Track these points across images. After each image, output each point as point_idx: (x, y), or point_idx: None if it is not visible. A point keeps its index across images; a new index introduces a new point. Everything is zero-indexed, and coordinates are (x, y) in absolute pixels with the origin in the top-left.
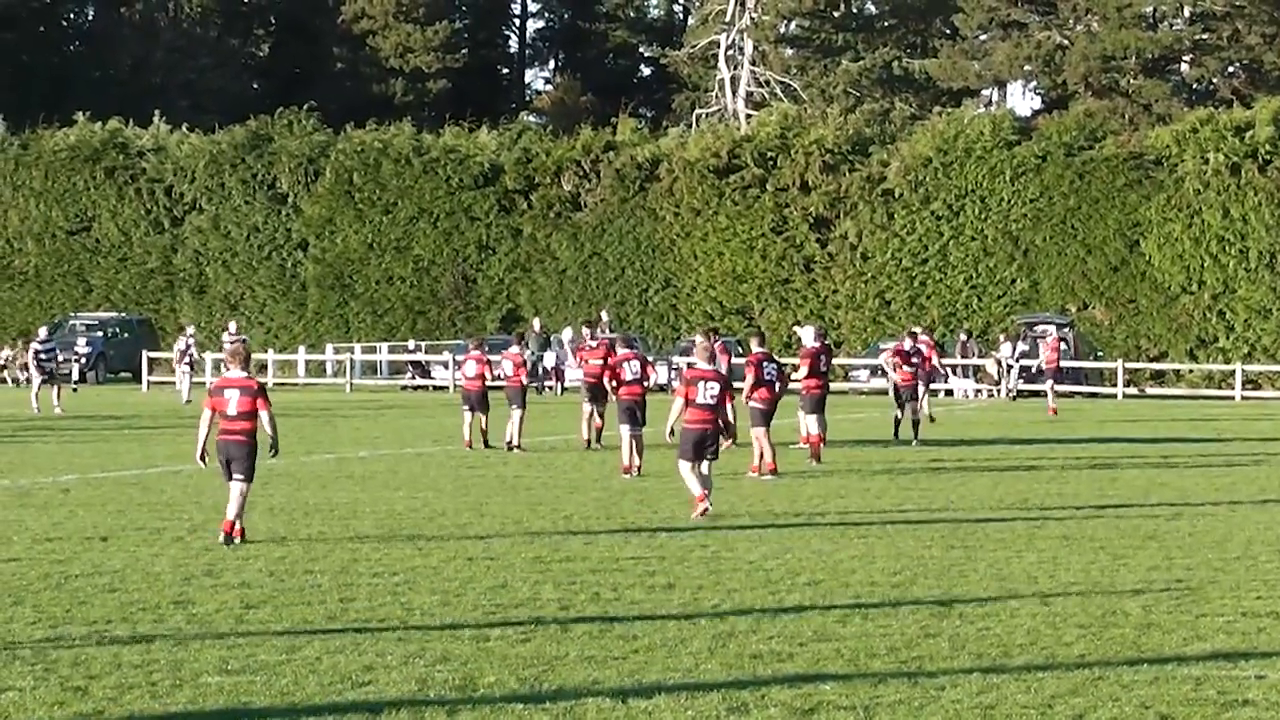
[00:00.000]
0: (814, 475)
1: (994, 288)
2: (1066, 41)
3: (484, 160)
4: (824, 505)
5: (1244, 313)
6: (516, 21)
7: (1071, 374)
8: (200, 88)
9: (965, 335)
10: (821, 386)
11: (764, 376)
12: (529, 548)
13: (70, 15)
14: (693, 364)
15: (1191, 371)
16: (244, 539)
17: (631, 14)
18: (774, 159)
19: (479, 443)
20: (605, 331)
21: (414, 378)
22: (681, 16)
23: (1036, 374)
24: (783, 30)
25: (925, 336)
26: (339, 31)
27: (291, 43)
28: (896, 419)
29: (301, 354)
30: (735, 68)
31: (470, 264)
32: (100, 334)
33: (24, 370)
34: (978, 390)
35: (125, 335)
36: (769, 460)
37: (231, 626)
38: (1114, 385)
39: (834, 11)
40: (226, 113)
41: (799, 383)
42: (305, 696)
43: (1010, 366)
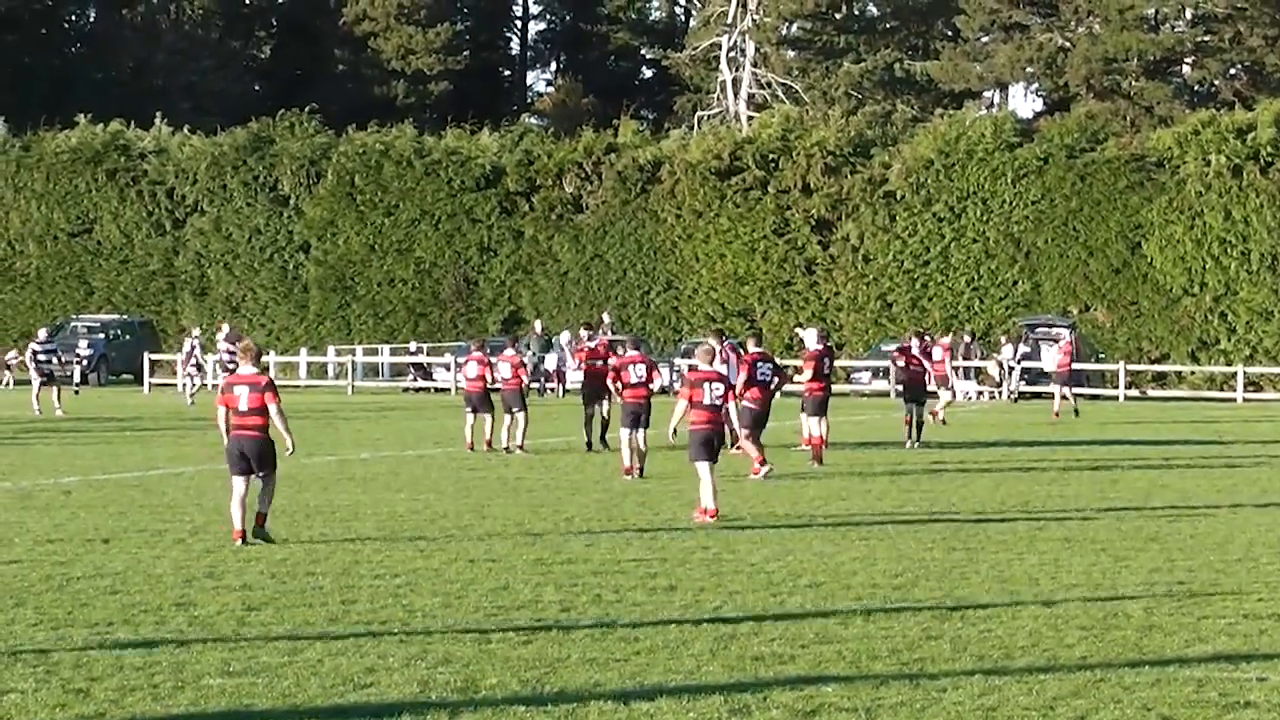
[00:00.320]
0: (816, 477)
1: (995, 290)
2: (1068, 43)
3: (485, 162)
4: (825, 507)
5: (1245, 315)
6: (518, 23)
7: (1073, 376)
8: (202, 89)
9: (968, 337)
10: (824, 388)
11: (757, 376)
12: (531, 550)
13: (72, 17)
14: (694, 366)
15: (1193, 373)
16: (259, 531)
17: (633, 16)
18: (775, 161)
19: (481, 444)
20: (608, 333)
21: (415, 380)
22: (683, 18)
23: (1048, 376)
24: (784, 32)
25: (946, 339)
26: (340, 33)
27: (293, 45)
28: (907, 421)
29: (303, 356)
30: (737, 70)
31: (472, 266)
32: (102, 336)
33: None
34: (979, 392)
35: (127, 337)
36: (756, 456)
37: (233, 628)
38: (1115, 387)
39: (835, 13)
40: (228, 114)
41: (802, 385)
42: (307, 698)
43: (1012, 368)
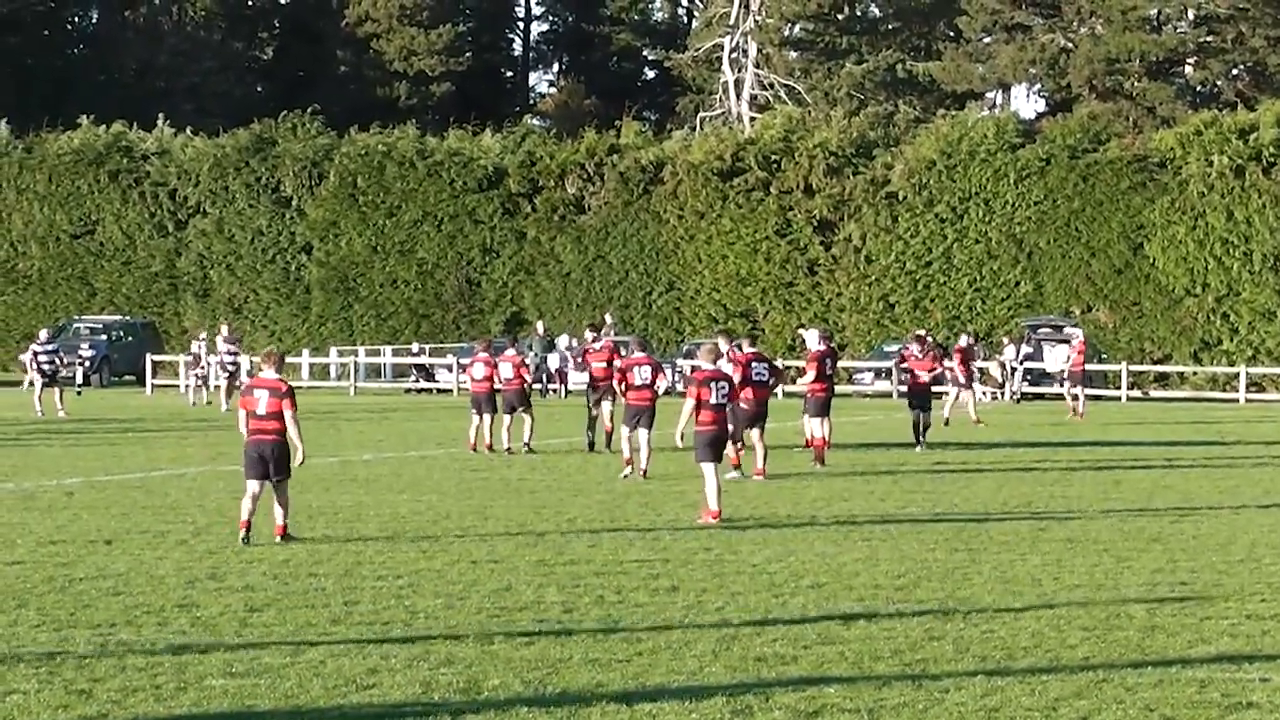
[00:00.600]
0: (818, 478)
1: (998, 290)
2: (1071, 44)
3: (488, 163)
4: (828, 508)
5: (1248, 315)
6: (520, 24)
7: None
8: (204, 91)
9: (971, 338)
10: (826, 389)
11: (752, 377)
12: (533, 551)
13: (74, 18)
14: (696, 366)
15: (1195, 374)
16: (286, 535)
17: (635, 17)
18: (778, 162)
19: (482, 446)
20: (612, 334)
21: (418, 381)
22: (685, 19)
23: (1062, 377)
24: (787, 33)
25: (963, 342)
26: (343, 35)
27: (295, 46)
28: (914, 423)
29: (305, 357)
30: (739, 70)
31: (474, 267)
32: (104, 337)
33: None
34: (982, 393)
35: (129, 338)
36: (733, 457)
37: (236, 629)
38: (1118, 388)
39: (838, 14)
40: (230, 116)
41: (805, 386)
42: (310, 699)
43: (1014, 369)
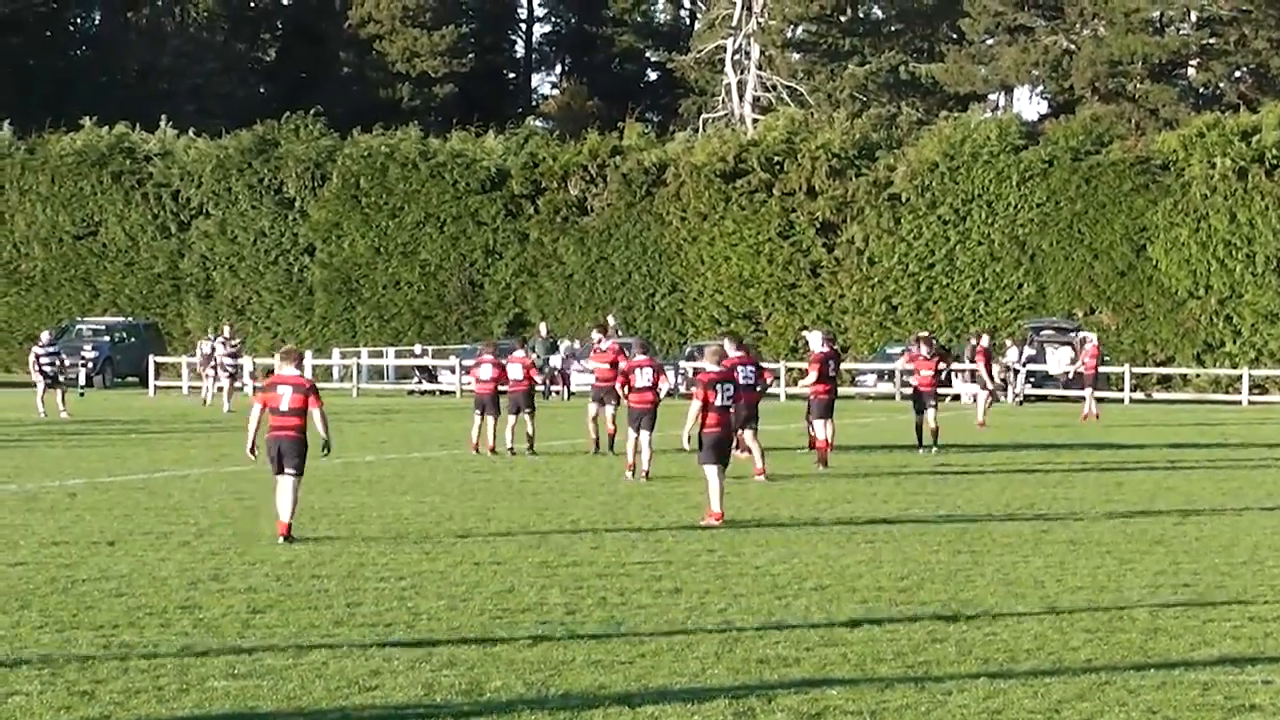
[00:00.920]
0: (821, 480)
1: (1000, 292)
2: (1073, 46)
3: (490, 165)
4: (831, 510)
5: (1251, 317)
6: (523, 26)
7: (1077, 379)
8: (207, 92)
9: (974, 340)
10: (829, 391)
11: (740, 380)
12: (536, 552)
13: (77, 20)
14: (700, 369)
15: (1198, 376)
16: (290, 537)
17: (638, 19)
18: (780, 163)
19: (484, 447)
20: (616, 335)
21: (421, 382)
22: (688, 21)
23: (1054, 379)
24: (789, 35)
25: (985, 342)
26: (346, 36)
27: (298, 47)
28: (917, 426)
29: (308, 358)
30: (742, 72)
31: (477, 268)
32: (107, 338)
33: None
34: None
35: (132, 340)
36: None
37: (238, 631)
38: (1121, 390)
39: (840, 16)
40: (233, 117)
41: (808, 388)
42: (312, 701)
43: (1017, 371)
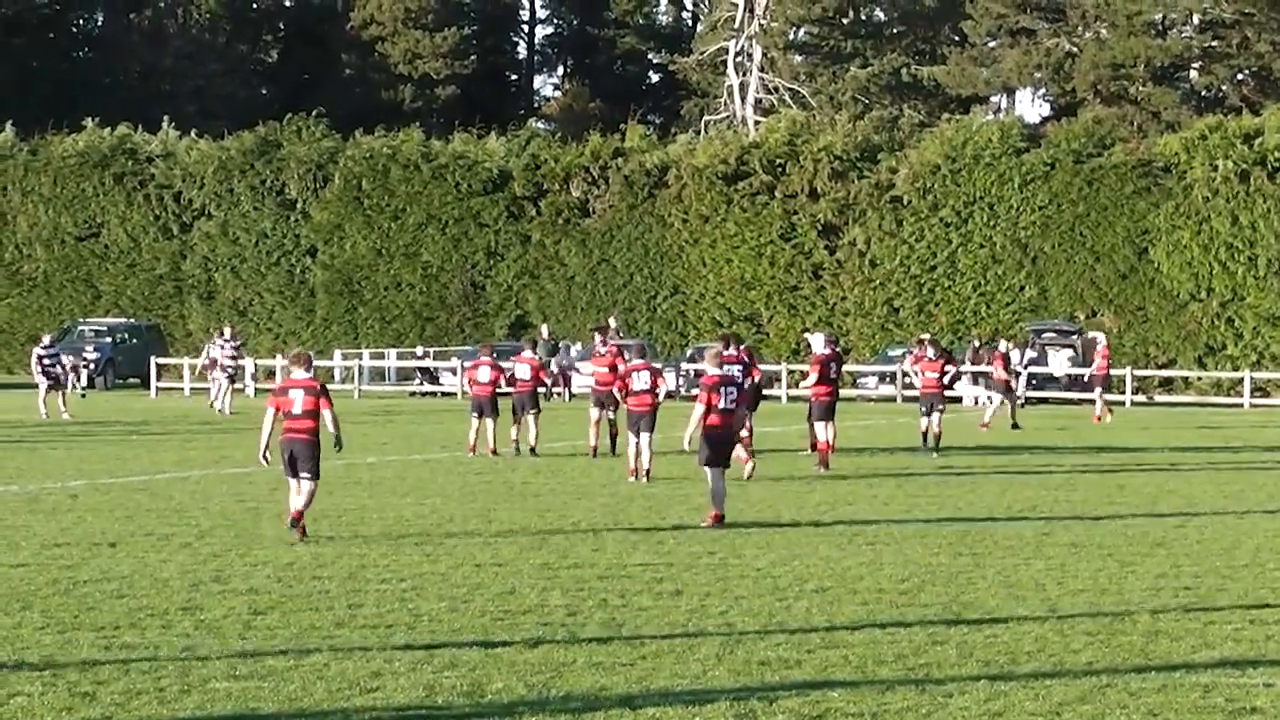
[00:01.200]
0: (822, 482)
1: (1002, 295)
2: (1075, 49)
3: (492, 166)
4: (832, 512)
5: (1253, 320)
6: (525, 28)
7: (1079, 381)
8: (209, 94)
9: (977, 342)
10: (831, 393)
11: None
12: (537, 554)
13: (79, 21)
14: (702, 371)
15: (1200, 379)
16: (305, 536)
17: (640, 20)
18: (782, 166)
19: (484, 449)
20: (617, 337)
21: (422, 384)
22: (690, 23)
23: (1088, 381)
24: (791, 37)
25: (1003, 347)
26: (348, 37)
27: (300, 49)
28: (923, 429)
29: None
30: (744, 74)
31: (479, 270)
32: (109, 340)
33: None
34: (988, 397)
35: (134, 341)
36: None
37: (240, 632)
38: (1122, 392)
39: (843, 18)
40: (235, 119)
41: (809, 389)
42: (313, 702)
43: (1019, 373)
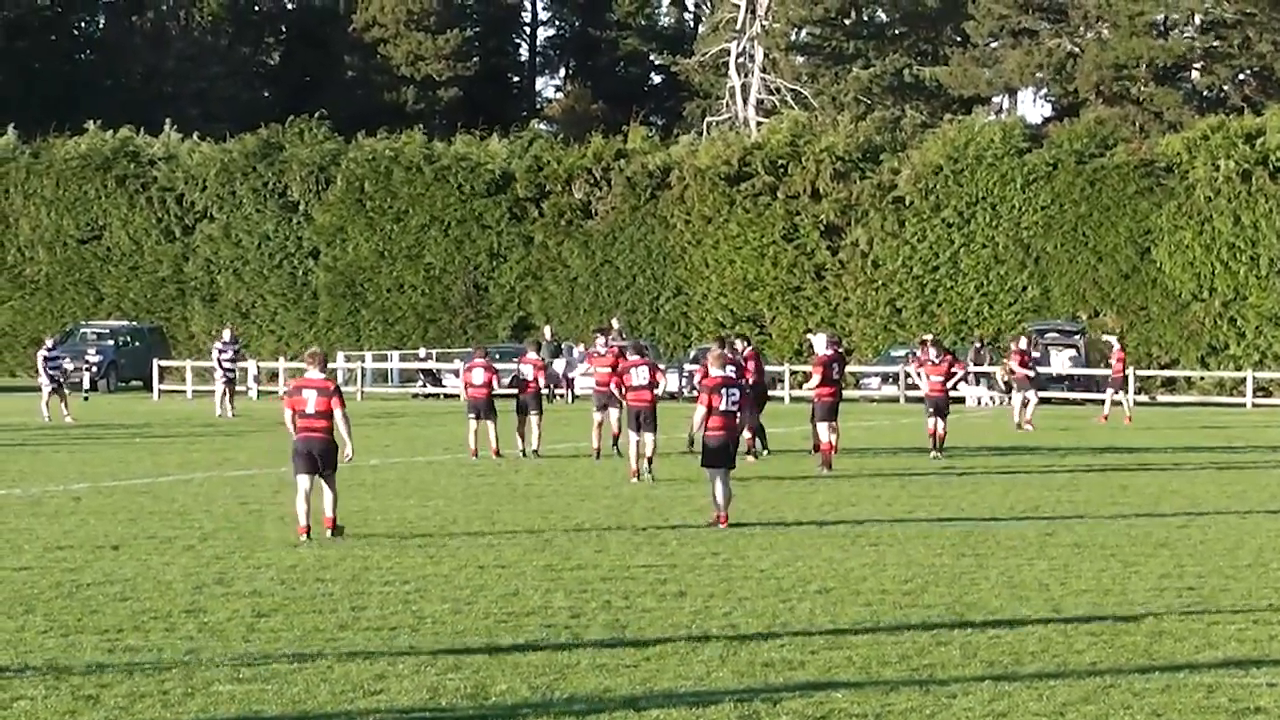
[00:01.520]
0: (825, 482)
1: (1005, 295)
2: (1078, 49)
3: (495, 168)
4: (835, 513)
5: (1255, 320)
6: (527, 29)
7: (1082, 381)
8: (211, 96)
9: (978, 343)
10: (833, 394)
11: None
12: (540, 556)
13: (81, 24)
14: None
15: (1203, 379)
16: (335, 533)
17: (642, 22)
18: (785, 166)
19: (486, 451)
20: (619, 339)
21: (425, 386)
22: (692, 24)
23: (1059, 381)
24: (793, 38)
25: (1022, 344)
26: (350, 40)
27: (302, 51)
28: (931, 433)
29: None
30: (746, 75)
31: (481, 272)
32: (111, 342)
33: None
34: (990, 397)
35: (136, 344)
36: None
37: (243, 635)
38: (1125, 392)
39: (845, 19)
40: (237, 121)
41: (811, 390)
42: (317, 705)
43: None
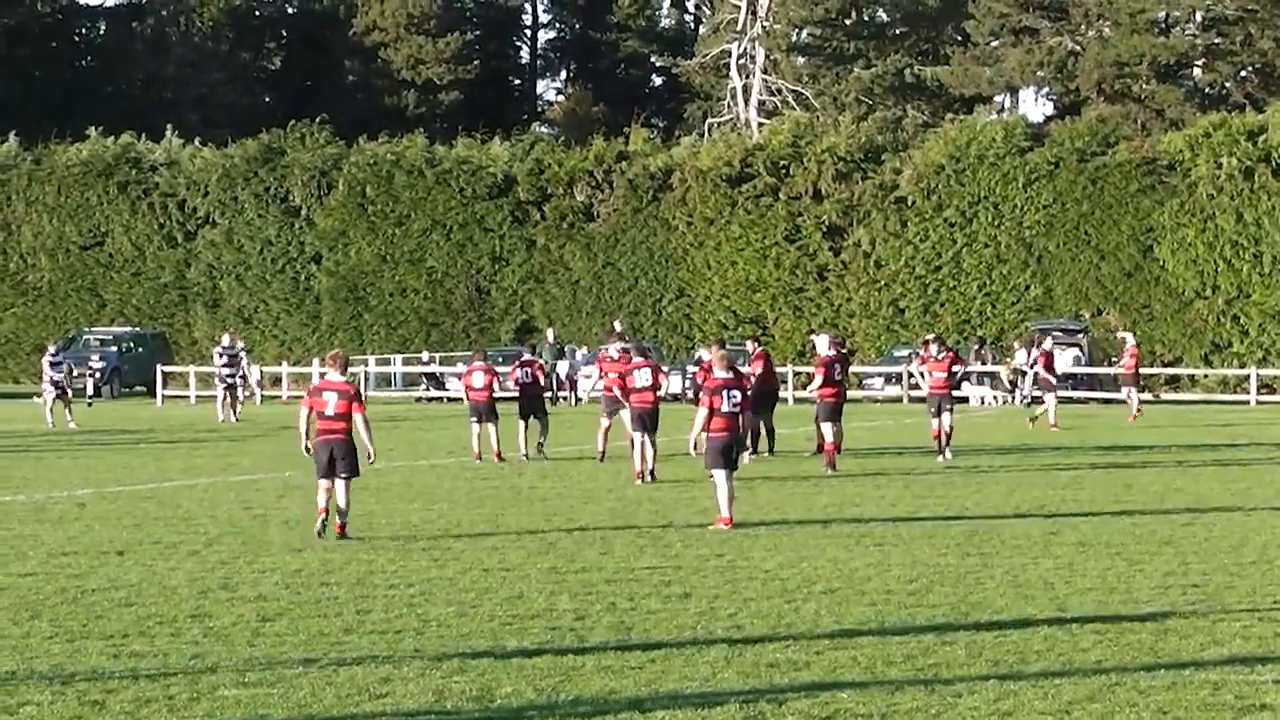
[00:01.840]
0: (829, 483)
1: (1007, 294)
2: (1079, 47)
3: (497, 171)
4: (839, 513)
5: (1258, 317)
6: (528, 32)
7: (1086, 380)
8: (212, 101)
9: (978, 343)
10: (836, 394)
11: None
12: (545, 558)
13: (82, 30)
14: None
15: (1206, 376)
16: (343, 538)
17: (643, 24)
18: (786, 167)
19: (489, 454)
20: (624, 340)
21: (428, 389)
22: (693, 26)
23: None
24: (794, 39)
25: (1047, 345)
26: (350, 44)
27: (303, 56)
28: (935, 435)
29: (315, 367)
30: (747, 76)
31: (484, 275)
32: (114, 348)
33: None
34: (994, 396)
35: (139, 350)
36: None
37: (248, 639)
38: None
39: (845, 19)
40: (238, 126)
41: (814, 391)
42: (323, 708)
43: (1024, 373)
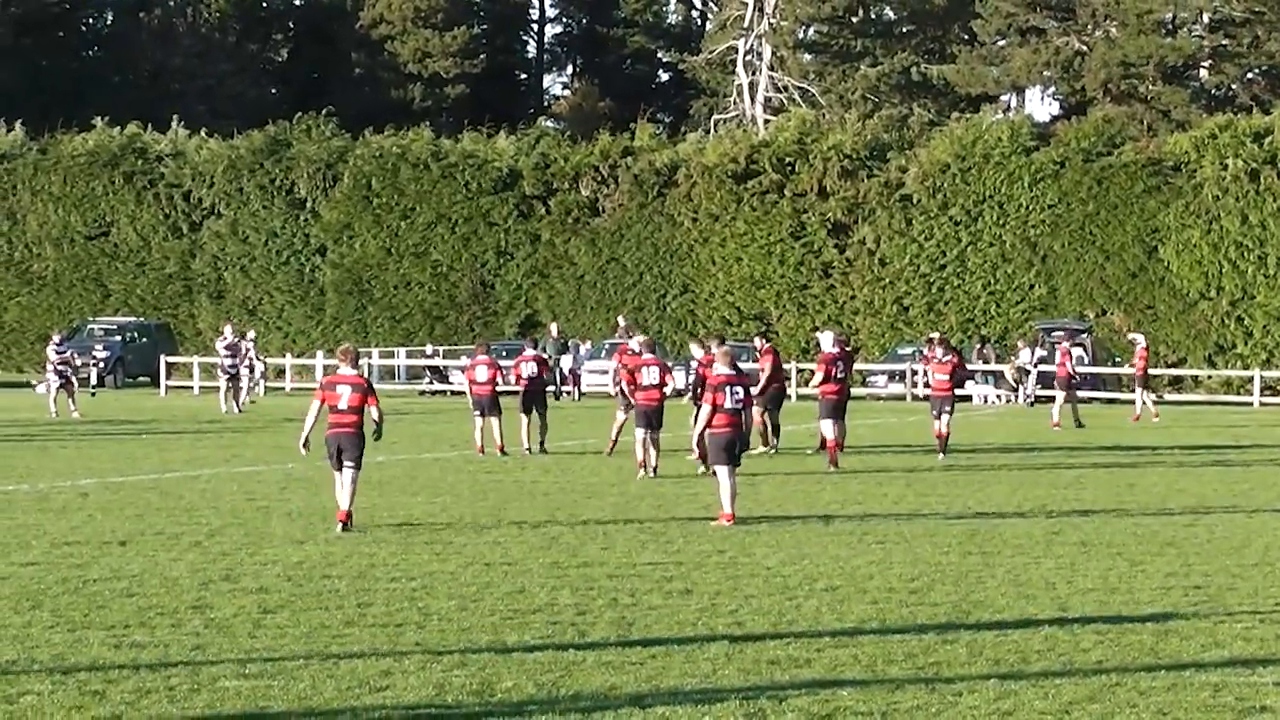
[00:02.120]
0: (831, 480)
1: (1012, 294)
2: (1085, 48)
3: (502, 165)
4: (842, 511)
5: (1262, 318)
6: (534, 27)
7: (1089, 380)
8: (219, 93)
9: (980, 342)
10: (839, 392)
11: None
12: (547, 553)
13: (89, 20)
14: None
15: (1210, 377)
16: (350, 525)
17: (650, 19)
18: (792, 164)
19: (492, 448)
20: (628, 335)
21: (432, 383)
22: (700, 22)
23: (1110, 381)
24: (801, 36)
25: (1065, 344)
26: (357, 37)
27: (310, 48)
28: (938, 435)
29: (319, 359)
30: (753, 73)
31: (488, 269)
32: (118, 339)
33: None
34: (997, 395)
35: (143, 340)
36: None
37: (250, 631)
38: (1132, 391)
39: (852, 17)
40: (245, 118)
41: (817, 388)
42: (323, 701)
43: (1028, 372)
